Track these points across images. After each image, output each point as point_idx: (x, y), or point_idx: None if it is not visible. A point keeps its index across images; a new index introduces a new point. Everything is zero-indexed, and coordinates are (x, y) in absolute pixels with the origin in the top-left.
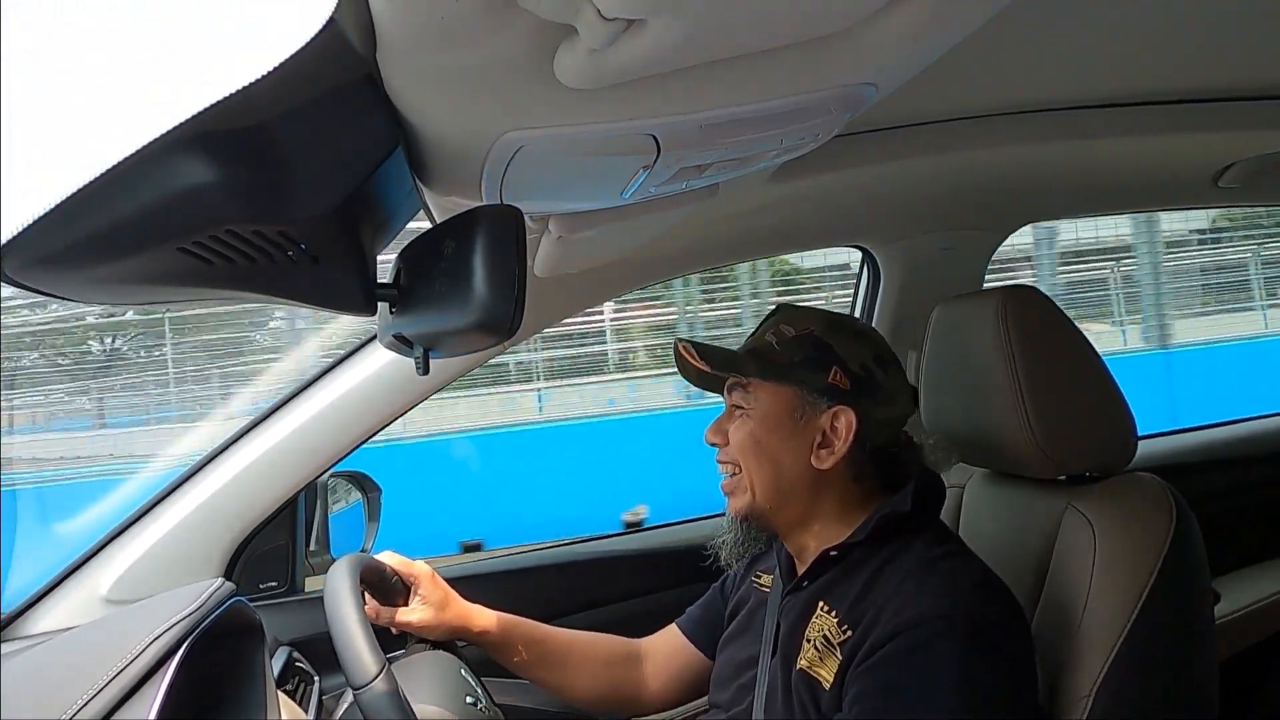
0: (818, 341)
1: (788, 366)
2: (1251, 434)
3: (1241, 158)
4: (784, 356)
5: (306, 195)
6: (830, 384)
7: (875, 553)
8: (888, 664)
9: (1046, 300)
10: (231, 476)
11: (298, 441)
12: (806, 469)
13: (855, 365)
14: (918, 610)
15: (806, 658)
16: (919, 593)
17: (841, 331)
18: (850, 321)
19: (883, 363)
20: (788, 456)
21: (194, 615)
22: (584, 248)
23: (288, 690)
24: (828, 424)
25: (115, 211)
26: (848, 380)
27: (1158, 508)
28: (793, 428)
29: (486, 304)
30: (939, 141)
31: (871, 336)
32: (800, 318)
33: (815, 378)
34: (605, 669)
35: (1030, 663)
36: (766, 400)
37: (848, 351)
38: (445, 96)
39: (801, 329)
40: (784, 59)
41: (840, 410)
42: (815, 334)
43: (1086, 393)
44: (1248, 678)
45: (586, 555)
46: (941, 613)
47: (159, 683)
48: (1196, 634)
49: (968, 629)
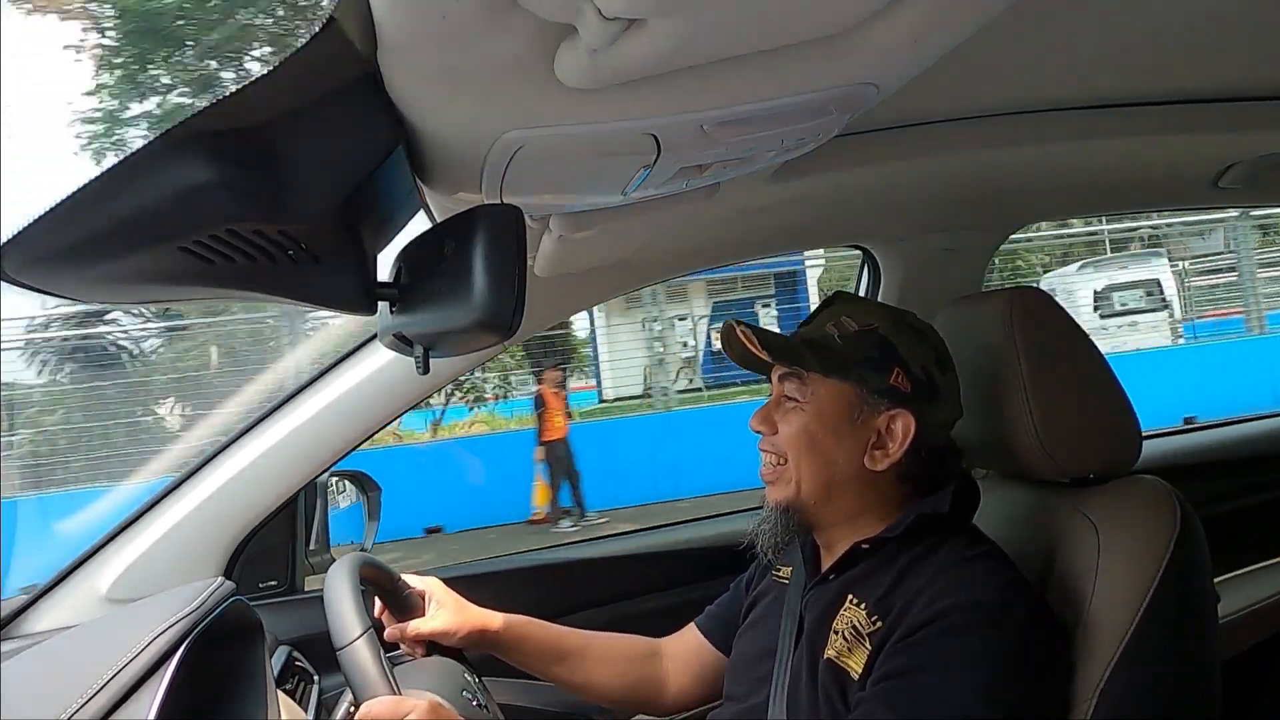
0: (881, 340)
1: (849, 363)
2: (1253, 435)
3: (1242, 158)
4: (845, 352)
5: (307, 195)
6: (891, 385)
7: (907, 549)
8: (915, 648)
9: (1052, 302)
10: (231, 475)
11: (298, 440)
12: (859, 469)
13: (917, 368)
14: (951, 600)
15: (835, 648)
16: (952, 585)
17: (905, 330)
18: (912, 319)
19: (943, 366)
20: (842, 455)
21: (194, 614)
22: (584, 247)
23: (288, 689)
24: (884, 425)
25: (117, 210)
26: (909, 383)
27: (1162, 510)
28: (849, 426)
29: (486, 303)
30: (940, 142)
31: (932, 337)
32: (863, 311)
33: (877, 378)
34: (627, 664)
35: (1056, 668)
36: (825, 396)
37: (911, 353)
38: (446, 96)
39: (865, 324)
40: (785, 59)
41: (899, 414)
42: (879, 331)
43: (1092, 395)
44: (1248, 677)
45: (587, 555)
46: (972, 602)
47: (159, 682)
48: (1200, 635)
49: (996, 620)
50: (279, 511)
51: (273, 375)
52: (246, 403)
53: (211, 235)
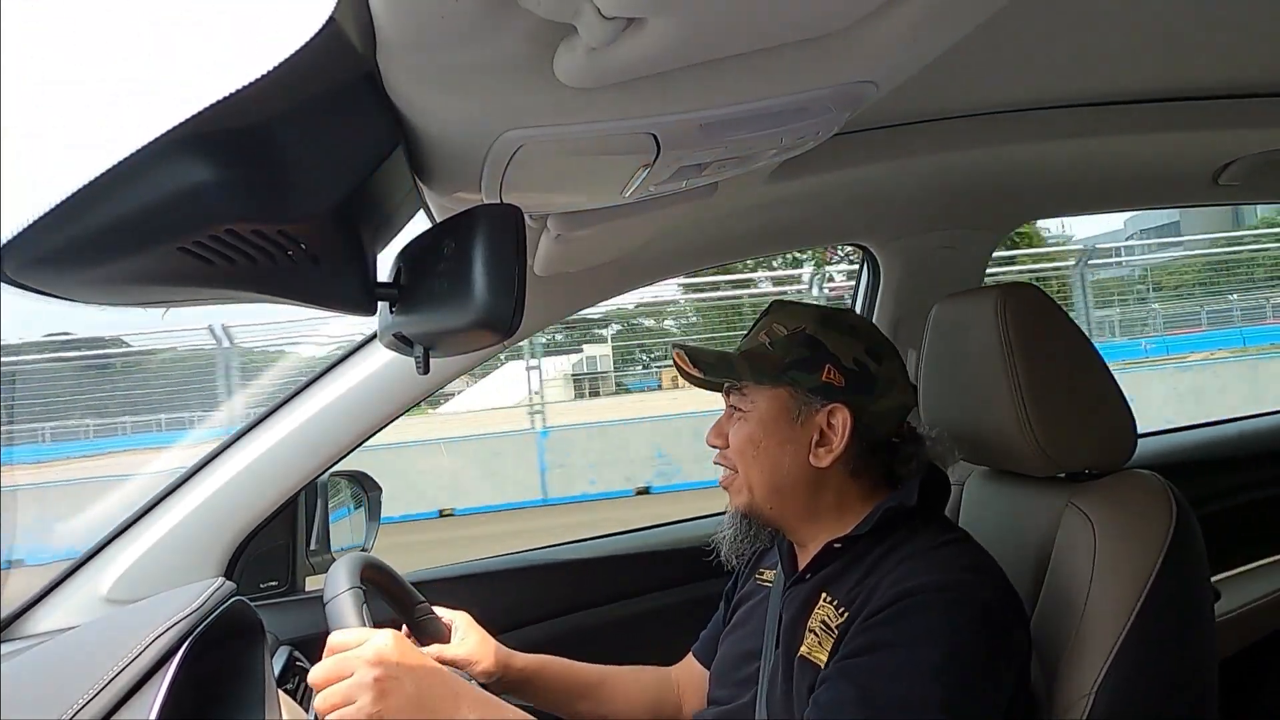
0: (810, 339)
1: (780, 367)
2: (1251, 432)
3: (1241, 155)
4: (777, 357)
5: (306, 195)
6: (824, 382)
7: (878, 544)
8: (876, 628)
9: (1045, 298)
10: (232, 476)
11: (298, 441)
12: (805, 468)
13: (848, 361)
14: (915, 582)
15: (807, 644)
16: (917, 569)
17: (833, 327)
18: (842, 315)
19: (876, 355)
20: (786, 458)
21: (194, 615)
22: (584, 247)
23: (288, 690)
24: (824, 422)
25: (116, 211)
26: (842, 377)
27: (1158, 505)
28: (789, 429)
29: (486, 303)
30: (939, 140)
31: (864, 329)
32: (792, 315)
33: (809, 377)
34: (644, 694)
35: (1019, 652)
36: (762, 403)
37: (840, 347)
38: (445, 95)
39: (794, 327)
40: (784, 57)
41: (836, 408)
42: (807, 331)
43: (1086, 390)
44: (1247, 676)
45: (586, 555)
46: (936, 583)
47: (159, 682)
48: (1197, 631)
49: (960, 599)
50: (279, 512)
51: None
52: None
53: (211, 235)
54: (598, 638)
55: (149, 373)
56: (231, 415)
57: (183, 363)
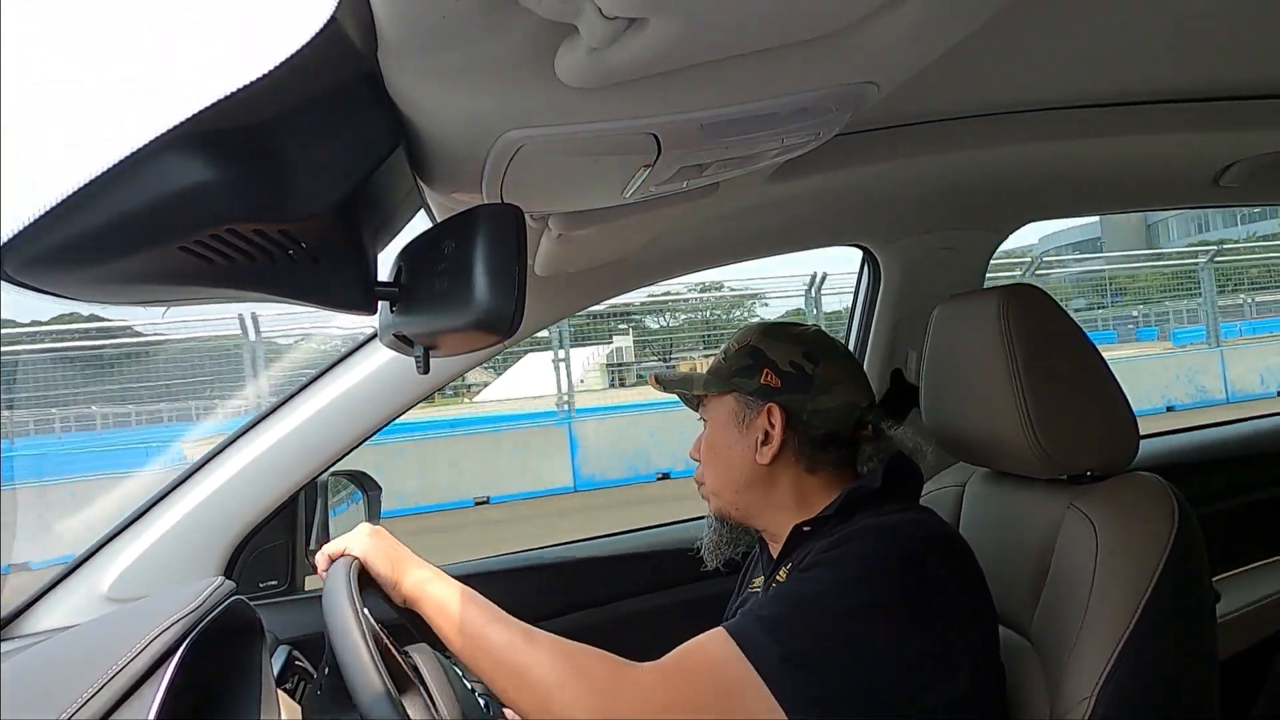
0: (752, 349)
1: (728, 375)
2: (1251, 434)
3: (1242, 157)
4: (726, 367)
5: (307, 194)
6: (763, 385)
7: (844, 524)
8: (810, 565)
9: (1048, 299)
10: (232, 475)
11: (298, 440)
12: (753, 465)
13: (784, 363)
14: (852, 529)
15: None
16: (860, 529)
17: (774, 336)
18: (788, 326)
19: (813, 357)
20: (736, 457)
21: (194, 614)
22: (584, 246)
23: (287, 689)
24: (766, 422)
25: (117, 210)
26: (778, 379)
27: (1159, 507)
28: (737, 431)
29: (486, 303)
30: (940, 140)
31: (805, 336)
32: (745, 332)
33: (749, 382)
34: None
35: (955, 611)
36: (717, 410)
37: (776, 352)
38: (446, 95)
39: (742, 341)
40: (785, 58)
41: (772, 407)
42: (751, 343)
43: (1088, 392)
44: (1248, 677)
45: (587, 555)
46: (874, 527)
47: (159, 681)
48: (1199, 633)
49: (891, 539)
50: (279, 511)
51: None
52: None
53: (212, 235)
54: (597, 638)
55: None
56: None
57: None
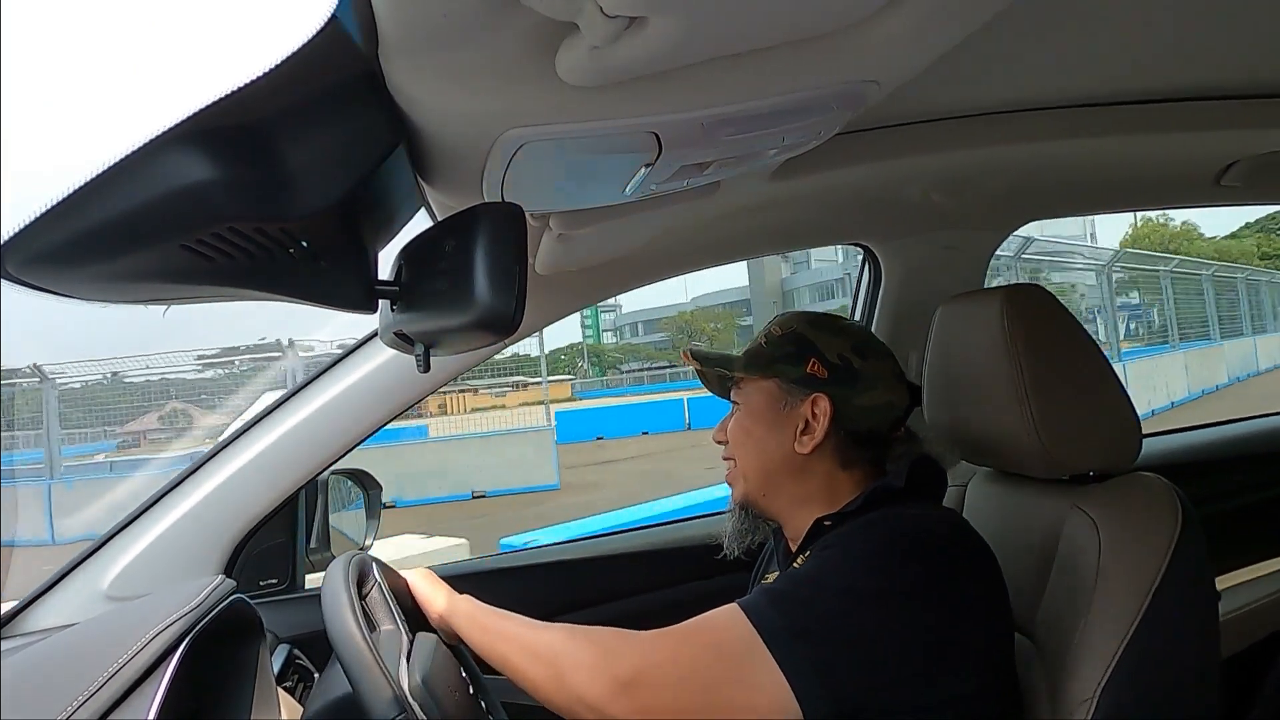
0: (798, 336)
1: (771, 361)
2: (1253, 433)
3: (1243, 156)
4: (768, 352)
5: (308, 192)
6: (808, 374)
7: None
8: (825, 547)
9: (1051, 299)
10: (232, 474)
11: (298, 439)
12: (791, 454)
13: (832, 355)
14: (871, 516)
15: None
16: (876, 519)
17: (821, 327)
18: (834, 318)
19: (861, 352)
20: (773, 444)
21: (194, 612)
22: (585, 245)
23: (287, 688)
24: (808, 411)
25: (118, 208)
26: (825, 369)
27: (1162, 508)
28: (776, 417)
29: (487, 301)
30: (941, 139)
31: (852, 330)
32: (788, 318)
33: (794, 369)
34: None
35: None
36: (754, 394)
37: (825, 343)
38: (447, 94)
39: (787, 328)
40: (786, 56)
41: (818, 397)
42: (797, 330)
43: (1091, 392)
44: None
45: (587, 555)
46: (893, 517)
47: (159, 679)
48: (1201, 634)
49: (908, 526)
50: (279, 510)
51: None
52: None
53: (213, 233)
54: None
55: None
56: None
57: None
